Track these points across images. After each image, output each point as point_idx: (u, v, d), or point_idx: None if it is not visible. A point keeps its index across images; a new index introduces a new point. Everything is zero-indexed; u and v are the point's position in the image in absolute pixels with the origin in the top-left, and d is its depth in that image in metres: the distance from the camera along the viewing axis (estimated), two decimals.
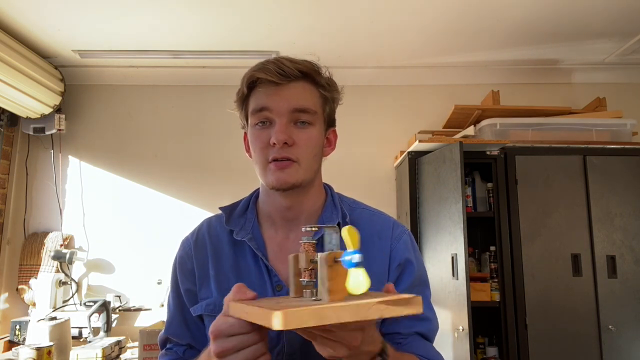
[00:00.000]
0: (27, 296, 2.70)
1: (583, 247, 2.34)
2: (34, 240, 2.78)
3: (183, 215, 2.86)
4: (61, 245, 2.75)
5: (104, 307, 2.51)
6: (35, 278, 2.69)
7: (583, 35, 2.50)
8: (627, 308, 2.28)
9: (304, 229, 0.70)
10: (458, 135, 2.57)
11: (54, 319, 2.27)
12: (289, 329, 0.53)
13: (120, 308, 2.72)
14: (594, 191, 2.39)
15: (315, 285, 0.67)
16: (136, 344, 2.21)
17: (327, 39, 2.53)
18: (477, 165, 2.63)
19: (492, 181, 2.47)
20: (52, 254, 2.67)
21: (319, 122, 0.88)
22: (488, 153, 2.47)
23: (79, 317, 2.51)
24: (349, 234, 0.61)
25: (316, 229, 0.72)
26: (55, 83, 2.71)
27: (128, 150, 2.94)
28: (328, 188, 0.97)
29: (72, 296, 2.76)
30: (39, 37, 2.48)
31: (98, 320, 2.50)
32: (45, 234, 2.80)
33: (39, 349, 1.93)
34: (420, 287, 0.91)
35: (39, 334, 2.14)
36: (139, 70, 2.89)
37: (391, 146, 2.92)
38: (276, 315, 0.53)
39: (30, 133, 2.80)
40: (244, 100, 0.90)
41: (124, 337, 2.43)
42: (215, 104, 2.98)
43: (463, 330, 2.06)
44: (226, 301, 0.67)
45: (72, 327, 2.42)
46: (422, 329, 0.88)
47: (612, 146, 2.45)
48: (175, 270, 0.94)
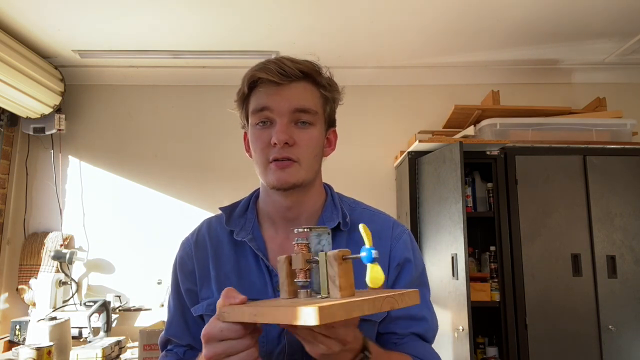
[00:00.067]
0: (27, 296, 2.70)
1: (583, 247, 2.34)
2: (34, 240, 2.78)
3: (183, 215, 2.86)
4: (61, 245, 2.75)
5: (104, 307, 2.51)
6: (35, 278, 2.68)
7: (583, 35, 2.50)
8: (627, 308, 2.29)
9: (296, 231, 0.70)
10: (458, 135, 2.57)
11: (54, 319, 2.27)
12: (323, 323, 0.54)
13: (120, 308, 2.72)
14: (594, 191, 2.39)
15: (311, 285, 0.68)
16: (136, 344, 2.21)
17: (327, 39, 2.53)
18: (477, 165, 2.63)
19: (492, 181, 2.47)
20: (52, 254, 2.67)
21: (320, 122, 0.88)
22: (488, 153, 2.47)
23: (79, 317, 2.51)
24: (365, 231, 0.64)
25: (307, 230, 0.72)
26: (55, 83, 2.71)
27: (128, 150, 2.94)
28: (328, 188, 0.97)
29: (72, 296, 2.76)
30: (39, 37, 2.48)
31: (98, 320, 2.50)
32: (45, 234, 2.80)
33: (39, 349, 1.93)
34: (420, 287, 0.90)
35: (39, 334, 2.13)
36: (139, 70, 2.89)
37: (391, 146, 2.93)
38: (311, 311, 0.54)
39: (30, 133, 2.80)
40: (244, 99, 0.90)
41: (124, 337, 2.43)
42: (215, 104, 2.98)
43: (463, 330, 2.06)
44: (218, 306, 0.67)
45: (72, 327, 2.42)
46: (419, 329, 0.88)
47: (612, 146, 2.45)
48: (176, 271, 0.94)
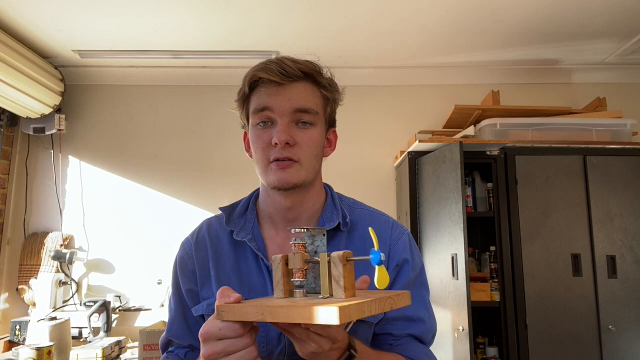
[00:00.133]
0: (27, 296, 2.70)
1: (583, 247, 2.34)
2: (34, 240, 2.78)
3: (183, 215, 2.86)
4: (61, 245, 2.75)
5: (104, 307, 2.51)
6: (35, 278, 2.68)
7: (583, 35, 2.50)
8: (627, 308, 2.29)
9: (293, 231, 0.71)
10: (458, 135, 2.57)
11: (54, 319, 2.27)
12: (343, 322, 0.55)
13: (120, 308, 2.72)
14: (594, 191, 2.39)
15: (307, 284, 0.69)
16: (136, 344, 2.21)
17: (327, 39, 2.53)
18: (477, 165, 2.63)
19: (492, 181, 2.47)
20: (52, 254, 2.67)
21: (320, 123, 0.88)
22: (488, 153, 2.47)
23: (79, 317, 2.51)
24: (373, 234, 0.67)
25: (305, 230, 0.72)
26: (55, 83, 2.71)
27: (128, 150, 2.94)
28: (328, 188, 0.97)
29: (72, 296, 2.76)
30: (39, 37, 2.48)
31: (98, 320, 2.50)
32: (45, 234, 2.80)
33: (39, 349, 1.93)
34: (417, 287, 0.90)
35: (39, 334, 2.13)
36: (139, 70, 2.89)
37: (391, 146, 2.93)
38: (332, 310, 0.55)
39: (30, 133, 2.80)
40: (245, 99, 0.90)
41: (124, 337, 2.42)
42: (215, 104, 2.98)
43: (463, 330, 2.06)
44: (216, 306, 0.67)
45: (72, 327, 2.42)
46: (415, 330, 0.88)
47: (612, 146, 2.45)
48: (176, 271, 0.94)
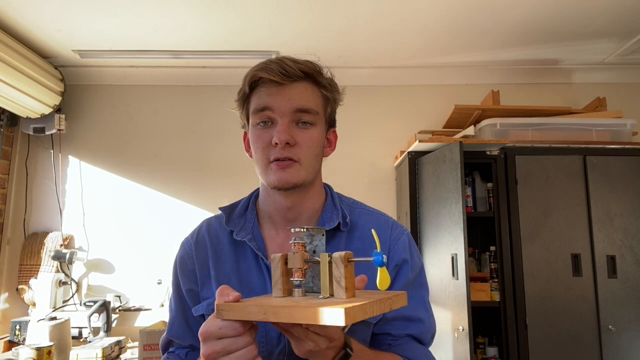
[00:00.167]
0: (27, 296, 2.69)
1: (583, 247, 2.34)
2: (34, 240, 2.78)
3: (183, 215, 2.85)
4: (61, 245, 2.75)
5: (104, 307, 2.51)
6: (35, 278, 2.68)
7: (583, 35, 2.50)
8: (627, 308, 2.29)
9: (293, 230, 0.71)
10: (458, 135, 2.57)
11: (54, 319, 2.27)
12: (348, 324, 0.56)
13: (120, 308, 2.72)
14: (594, 191, 2.39)
15: (305, 284, 0.69)
16: (136, 344, 2.21)
17: (327, 39, 2.53)
18: (477, 165, 2.63)
19: (492, 181, 2.47)
20: (52, 254, 2.67)
21: (321, 123, 0.88)
22: (488, 153, 2.47)
23: (79, 317, 2.51)
24: (376, 236, 0.67)
25: (304, 230, 0.72)
26: (55, 83, 2.71)
27: (128, 150, 2.94)
28: (328, 188, 0.97)
29: (72, 296, 2.76)
30: (39, 37, 2.47)
31: (98, 320, 2.50)
32: (45, 234, 2.80)
33: (39, 349, 1.93)
34: (416, 287, 0.90)
35: (39, 334, 2.13)
36: (139, 70, 2.89)
37: (391, 146, 2.93)
38: (339, 312, 0.55)
39: (30, 133, 2.80)
40: (245, 99, 0.90)
41: (124, 337, 2.42)
42: (215, 104, 2.98)
43: (463, 330, 2.06)
44: (216, 304, 0.67)
45: (72, 327, 2.42)
46: (414, 331, 0.88)
47: (612, 146, 2.45)
48: (176, 271, 0.94)
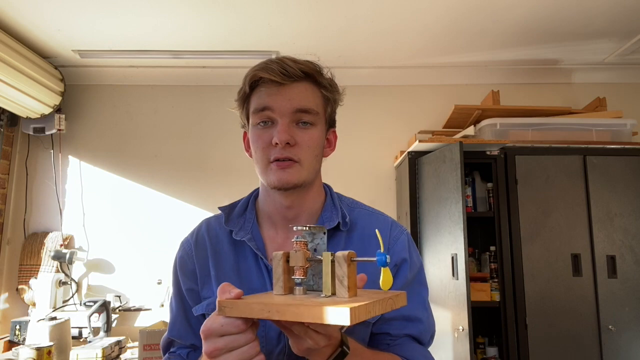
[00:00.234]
0: (27, 296, 2.69)
1: (583, 247, 2.34)
2: (34, 240, 2.78)
3: (183, 215, 2.85)
4: (61, 245, 2.75)
5: (104, 307, 2.51)
6: (35, 278, 2.68)
7: (583, 35, 2.50)
8: (627, 308, 2.29)
9: (295, 228, 0.71)
10: (458, 135, 2.57)
11: (54, 319, 2.27)
12: (353, 323, 0.56)
13: (120, 308, 2.72)
14: (594, 191, 2.39)
15: (306, 282, 0.69)
16: (136, 344, 2.21)
17: (327, 39, 2.53)
18: (477, 165, 2.63)
19: (492, 181, 2.47)
20: (52, 254, 2.67)
21: (321, 123, 0.88)
22: (488, 153, 2.47)
23: (79, 317, 2.51)
24: (379, 236, 0.68)
25: (306, 228, 0.72)
26: (55, 83, 2.71)
27: (128, 150, 2.94)
28: (327, 188, 0.97)
29: (72, 296, 2.76)
30: (39, 37, 2.47)
31: (98, 320, 2.50)
32: (45, 234, 2.80)
33: (39, 349, 1.93)
34: (415, 287, 0.90)
35: (39, 334, 2.13)
36: (139, 70, 2.89)
37: (391, 146, 2.93)
38: (344, 311, 0.55)
39: (30, 133, 2.80)
40: (245, 99, 0.90)
41: (124, 337, 2.42)
42: (215, 104, 2.98)
43: (463, 330, 2.06)
44: (218, 302, 0.67)
45: (72, 327, 2.42)
46: (413, 330, 0.88)
47: (612, 146, 2.45)
48: (176, 271, 0.94)
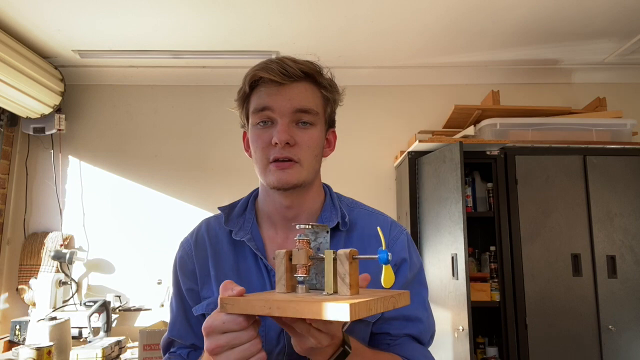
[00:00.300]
0: (27, 296, 2.70)
1: (583, 247, 2.34)
2: (34, 240, 2.78)
3: (183, 215, 2.86)
4: (61, 245, 2.75)
5: (104, 307, 2.51)
6: (35, 278, 2.68)
7: (583, 35, 2.50)
8: (627, 308, 2.29)
9: (298, 227, 0.71)
10: (458, 135, 2.57)
11: (54, 319, 2.27)
12: (353, 319, 0.56)
13: (120, 308, 2.72)
14: (594, 191, 2.39)
15: (308, 280, 0.70)
16: (136, 344, 2.21)
17: (327, 39, 2.53)
18: (477, 165, 2.63)
19: (492, 181, 2.47)
20: (52, 254, 2.67)
21: (320, 123, 0.88)
22: (488, 153, 2.47)
23: (79, 317, 2.51)
24: (381, 234, 0.68)
25: (310, 227, 0.72)
26: (55, 83, 2.71)
27: (128, 150, 2.94)
28: (327, 188, 0.97)
29: (72, 296, 2.76)
30: (39, 37, 2.47)
31: (98, 320, 2.50)
32: (45, 234, 2.80)
33: (39, 349, 1.93)
34: (415, 287, 0.90)
35: (39, 334, 2.13)
36: (139, 70, 2.89)
37: (391, 146, 2.93)
38: (344, 307, 0.55)
39: (30, 133, 2.80)
40: (245, 99, 0.90)
41: (124, 337, 2.43)
42: (215, 104, 2.98)
43: (463, 330, 2.06)
44: (220, 299, 0.67)
45: (72, 327, 2.42)
46: (413, 330, 0.88)
47: (612, 146, 2.45)
48: (176, 271, 0.94)
